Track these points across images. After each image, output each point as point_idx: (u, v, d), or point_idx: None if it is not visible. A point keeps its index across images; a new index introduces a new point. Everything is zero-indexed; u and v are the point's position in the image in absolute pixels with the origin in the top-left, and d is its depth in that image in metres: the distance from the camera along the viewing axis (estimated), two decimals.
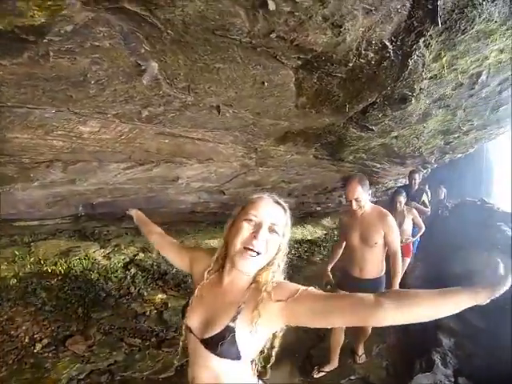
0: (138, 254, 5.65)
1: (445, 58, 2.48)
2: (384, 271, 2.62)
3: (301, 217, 7.64)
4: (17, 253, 4.55)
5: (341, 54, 1.94)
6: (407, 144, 4.66)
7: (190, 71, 1.88)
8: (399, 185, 8.00)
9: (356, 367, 3.26)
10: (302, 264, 6.19)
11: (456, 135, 4.86)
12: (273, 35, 1.57)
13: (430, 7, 1.82)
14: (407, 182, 4.95)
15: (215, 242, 6.22)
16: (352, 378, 3.14)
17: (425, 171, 7.46)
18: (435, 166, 7.43)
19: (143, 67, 1.74)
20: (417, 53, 2.18)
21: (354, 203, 2.38)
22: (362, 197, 2.36)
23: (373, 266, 2.58)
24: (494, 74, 3.13)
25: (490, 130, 5.21)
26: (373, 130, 3.57)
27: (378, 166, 5.57)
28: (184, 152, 3.16)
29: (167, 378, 2.98)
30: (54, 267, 4.56)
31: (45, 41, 1.39)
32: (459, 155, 6.84)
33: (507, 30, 2.38)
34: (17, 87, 1.69)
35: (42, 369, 2.96)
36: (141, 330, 3.70)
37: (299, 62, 1.97)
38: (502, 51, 2.74)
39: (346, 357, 3.36)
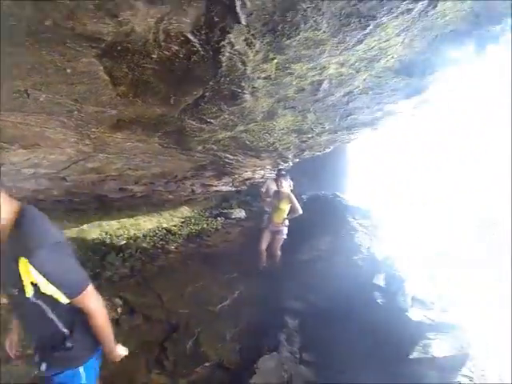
0: None
1: (275, 61, 2.41)
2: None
3: (156, 204, 7.48)
4: None
5: (137, 44, 1.92)
6: (259, 139, 4.53)
7: None
8: (257, 176, 8.26)
9: (210, 354, 3.45)
10: (157, 253, 6.28)
11: (309, 135, 4.85)
12: (48, 22, 1.55)
13: (227, 2, 1.72)
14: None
15: (68, 232, 5.68)
16: (206, 364, 3.31)
17: (286, 165, 7.44)
18: (296, 160, 7.33)
19: None
20: (228, 49, 2.13)
21: None
22: None
23: None
24: (337, 85, 3.10)
25: (341, 134, 5.32)
26: (211, 122, 3.43)
27: (231, 157, 5.44)
28: (3, 136, 2.81)
29: None
30: None
31: None
32: (317, 153, 6.87)
33: (339, 43, 2.34)
34: None
35: None
36: None
37: (95, 51, 1.92)
38: (342, 65, 2.72)
39: (199, 344, 3.56)
